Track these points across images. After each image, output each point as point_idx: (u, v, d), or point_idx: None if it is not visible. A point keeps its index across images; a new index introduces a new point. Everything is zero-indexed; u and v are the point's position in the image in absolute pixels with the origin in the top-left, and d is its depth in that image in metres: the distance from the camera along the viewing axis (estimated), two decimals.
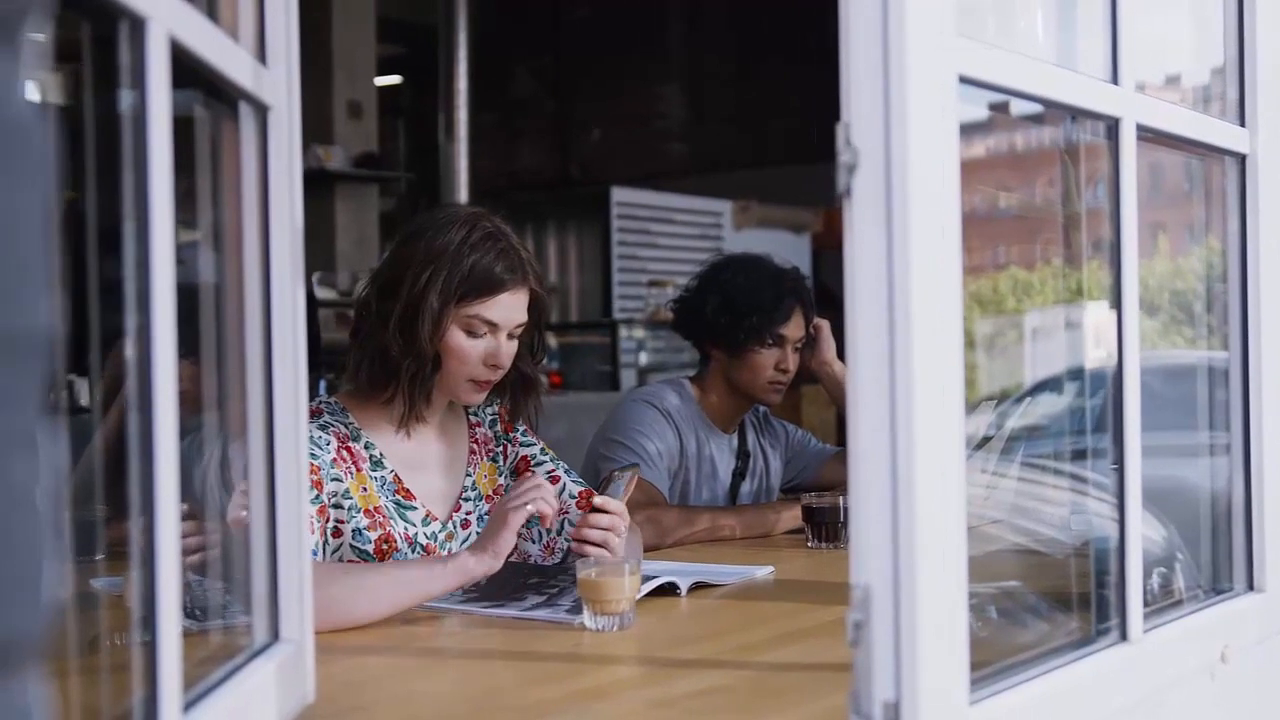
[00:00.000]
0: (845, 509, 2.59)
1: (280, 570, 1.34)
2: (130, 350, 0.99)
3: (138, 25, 0.96)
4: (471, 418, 2.36)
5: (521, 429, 2.39)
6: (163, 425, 0.98)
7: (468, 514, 2.27)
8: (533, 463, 2.36)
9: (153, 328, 0.98)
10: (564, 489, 2.31)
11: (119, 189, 0.99)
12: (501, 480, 2.34)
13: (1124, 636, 1.47)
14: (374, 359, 2.16)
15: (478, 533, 2.24)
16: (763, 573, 2.29)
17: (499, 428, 2.37)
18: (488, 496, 2.31)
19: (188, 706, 1.05)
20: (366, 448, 2.18)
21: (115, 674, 1.21)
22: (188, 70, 1.08)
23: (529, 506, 1.96)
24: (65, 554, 0.60)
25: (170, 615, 0.99)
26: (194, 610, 1.34)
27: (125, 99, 0.99)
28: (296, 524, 1.36)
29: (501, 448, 2.36)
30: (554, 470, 2.35)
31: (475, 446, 2.33)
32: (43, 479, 0.56)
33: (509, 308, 2.17)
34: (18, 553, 0.54)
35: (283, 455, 1.35)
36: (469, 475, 2.30)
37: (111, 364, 1.23)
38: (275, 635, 1.34)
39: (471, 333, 2.15)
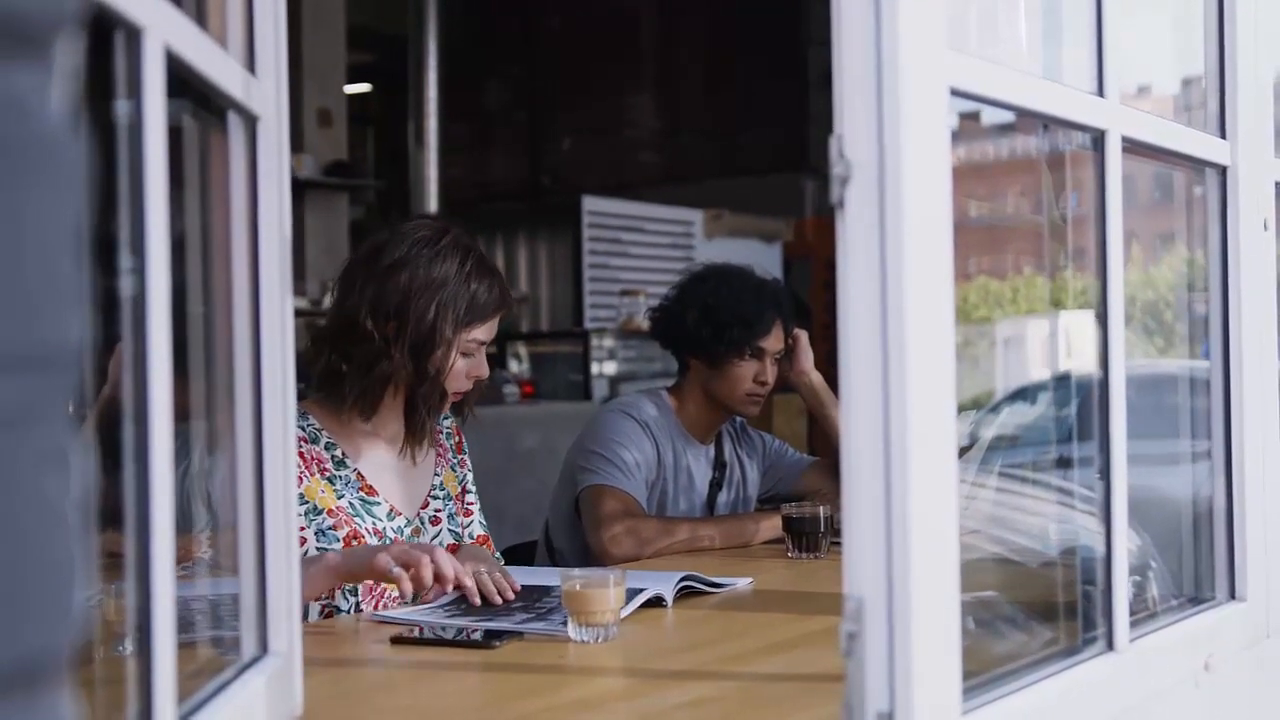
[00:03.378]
0: (825, 519, 2.59)
1: (269, 583, 1.33)
2: (125, 360, 0.98)
3: (134, 35, 0.96)
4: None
5: (464, 454, 2.48)
6: (157, 436, 0.97)
7: (437, 511, 2.36)
8: (466, 492, 2.46)
9: (148, 337, 0.97)
10: (439, 534, 2.38)
11: (111, 197, 0.99)
12: (460, 488, 2.44)
13: (1111, 646, 1.47)
14: (377, 385, 2.22)
15: (449, 529, 2.36)
16: (743, 584, 2.29)
17: (453, 441, 2.47)
18: (456, 497, 2.40)
19: None
20: (327, 449, 2.23)
21: (101, 687, 1.20)
22: (178, 80, 1.07)
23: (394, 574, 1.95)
24: (93, 568, 0.59)
25: (165, 629, 0.98)
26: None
27: (120, 108, 0.98)
28: (285, 537, 1.35)
29: (459, 460, 2.46)
30: (473, 504, 2.46)
31: (441, 450, 2.42)
32: (72, 494, 0.55)
33: (496, 326, 2.29)
34: (51, 568, 0.53)
35: (271, 467, 1.34)
36: (437, 475, 2.39)
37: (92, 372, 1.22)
38: (264, 648, 1.33)
39: (466, 354, 2.25)
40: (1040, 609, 1.69)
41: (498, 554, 2.44)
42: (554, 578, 2.17)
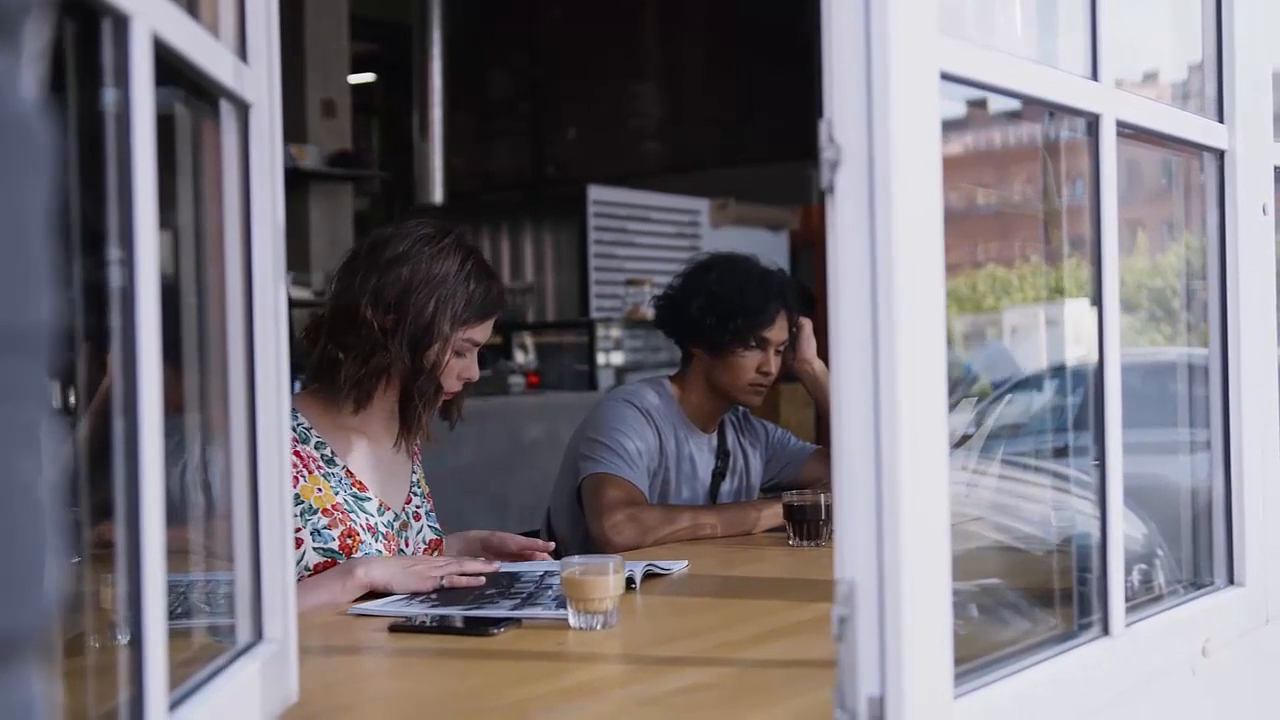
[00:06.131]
0: (826, 507, 2.59)
1: (263, 570, 1.33)
2: (114, 352, 0.98)
3: (121, 23, 0.96)
4: None
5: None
6: (147, 426, 0.98)
7: (416, 507, 2.40)
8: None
9: (137, 328, 0.97)
10: (420, 529, 2.40)
11: (100, 187, 0.99)
12: (427, 488, 2.49)
13: (1106, 630, 1.47)
14: (373, 376, 2.23)
15: (429, 525, 2.40)
16: (679, 567, 2.32)
17: (419, 442, 2.49)
18: (427, 495, 2.45)
19: (173, 706, 1.05)
20: (317, 447, 2.26)
21: (97, 675, 1.21)
22: (168, 68, 1.07)
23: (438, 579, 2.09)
24: (67, 549, 0.60)
25: (156, 616, 0.98)
26: (174, 610, 1.33)
27: (107, 96, 0.98)
28: (279, 524, 1.35)
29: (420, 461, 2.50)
30: (429, 508, 2.47)
31: (417, 450, 2.45)
32: (45, 474, 0.56)
33: (490, 328, 2.32)
34: (22, 548, 0.54)
35: (265, 455, 1.34)
36: (414, 473, 2.43)
37: (91, 364, 1.22)
38: (259, 634, 1.33)
39: (459, 353, 2.27)
40: (1039, 595, 1.69)
41: None
42: (526, 566, 2.25)
